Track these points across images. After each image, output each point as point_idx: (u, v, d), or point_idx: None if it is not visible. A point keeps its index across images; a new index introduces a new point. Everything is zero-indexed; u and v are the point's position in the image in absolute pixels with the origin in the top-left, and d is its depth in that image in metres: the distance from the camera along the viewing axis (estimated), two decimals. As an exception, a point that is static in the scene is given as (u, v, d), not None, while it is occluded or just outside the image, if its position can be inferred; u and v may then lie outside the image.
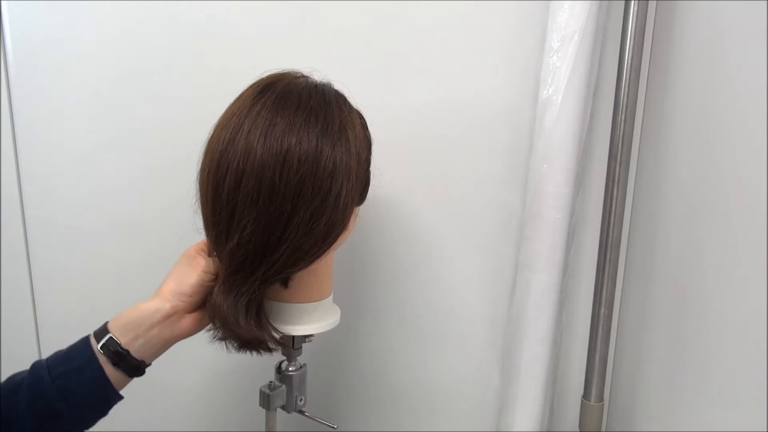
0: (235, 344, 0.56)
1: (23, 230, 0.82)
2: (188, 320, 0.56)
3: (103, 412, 0.54)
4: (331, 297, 0.65)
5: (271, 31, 0.76)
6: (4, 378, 0.53)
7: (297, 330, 0.60)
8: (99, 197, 0.81)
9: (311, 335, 0.63)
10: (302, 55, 0.75)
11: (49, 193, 0.81)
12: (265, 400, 0.65)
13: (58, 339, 0.84)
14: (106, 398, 0.53)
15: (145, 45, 0.76)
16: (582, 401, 0.76)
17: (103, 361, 0.52)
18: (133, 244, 0.82)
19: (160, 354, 0.56)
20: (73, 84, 0.78)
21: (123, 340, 0.53)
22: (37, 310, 0.85)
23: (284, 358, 0.66)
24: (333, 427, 0.68)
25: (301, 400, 0.67)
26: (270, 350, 0.57)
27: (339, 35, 0.75)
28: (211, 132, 0.54)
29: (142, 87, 0.77)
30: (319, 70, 0.58)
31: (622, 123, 0.68)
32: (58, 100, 0.78)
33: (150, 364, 0.55)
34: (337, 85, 0.58)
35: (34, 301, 0.85)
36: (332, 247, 0.55)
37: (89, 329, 0.55)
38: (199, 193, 0.55)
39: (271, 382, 0.66)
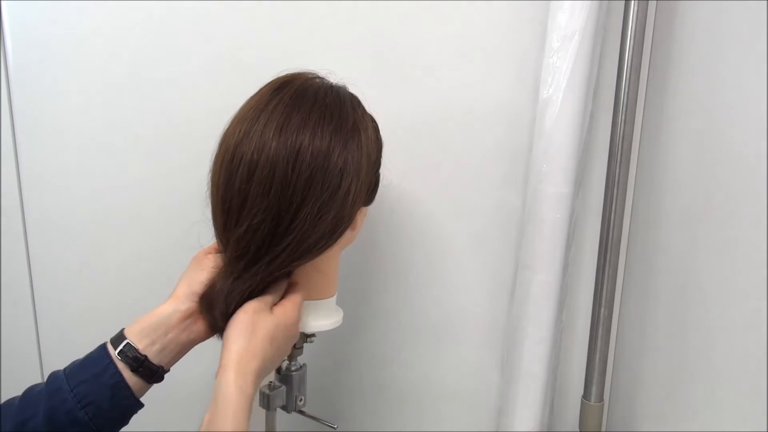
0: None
1: (23, 228, 0.82)
2: (204, 322, 0.56)
3: (124, 420, 0.53)
4: (334, 297, 0.65)
5: (275, 32, 0.75)
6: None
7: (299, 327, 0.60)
8: (100, 195, 0.81)
9: (313, 335, 0.63)
10: (303, 55, 0.75)
11: (50, 192, 0.81)
12: (265, 400, 0.65)
13: (58, 338, 0.85)
14: (127, 405, 0.52)
15: (146, 42, 0.76)
16: (582, 401, 0.76)
17: (122, 367, 0.51)
18: (134, 241, 0.82)
19: (179, 358, 0.56)
20: (74, 82, 0.77)
21: (140, 345, 0.52)
22: (37, 308, 0.85)
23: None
24: (333, 427, 0.68)
25: (301, 400, 0.67)
26: None
27: (339, 37, 0.75)
28: (227, 125, 0.55)
29: (144, 84, 0.77)
30: (335, 73, 0.59)
31: (622, 123, 0.68)
32: (59, 98, 0.78)
33: (168, 370, 0.55)
34: (352, 89, 0.59)
35: (33, 300, 0.85)
36: (337, 243, 0.56)
37: (89, 327, 0.55)
38: (210, 184, 0.55)
39: (271, 382, 0.66)
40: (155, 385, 0.55)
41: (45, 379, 0.52)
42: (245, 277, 0.53)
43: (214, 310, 0.54)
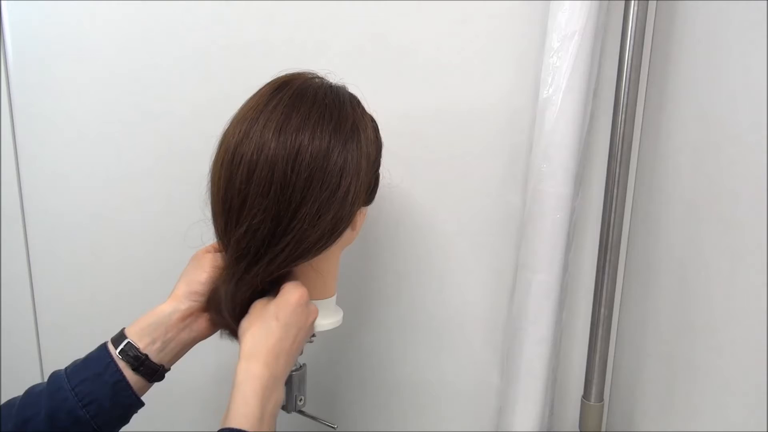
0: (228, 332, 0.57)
1: (23, 228, 0.82)
2: (204, 320, 0.56)
3: (125, 419, 0.54)
4: (334, 297, 0.65)
5: (275, 32, 0.75)
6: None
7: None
8: (100, 195, 0.81)
9: (313, 335, 0.63)
10: (303, 55, 0.75)
11: (50, 192, 0.81)
12: (265, 400, 0.65)
13: (58, 338, 0.85)
14: (128, 404, 0.53)
15: (146, 43, 0.76)
16: (582, 401, 0.76)
17: (123, 366, 0.52)
18: (134, 241, 0.82)
19: (179, 357, 0.56)
20: (74, 82, 0.77)
21: (141, 344, 0.53)
22: (37, 308, 0.85)
23: (284, 358, 0.66)
24: (333, 427, 0.68)
25: (301, 400, 0.67)
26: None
27: (340, 38, 0.75)
28: (227, 125, 0.55)
29: (144, 84, 0.77)
30: (334, 73, 0.59)
31: (622, 123, 0.68)
32: (59, 97, 0.78)
33: (169, 369, 0.56)
34: (352, 89, 0.59)
35: (33, 300, 0.85)
36: (337, 243, 0.56)
37: (89, 327, 0.55)
38: (210, 183, 0.55)
39: (271, 382, 0.66)
40: (156, 384, 0.55)
41: (45, 379, 0.53)
42: (246, 279, 0.53)
43: (224, 315, 0.54)
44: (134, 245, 0.82)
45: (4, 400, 0.52)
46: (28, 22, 0.76)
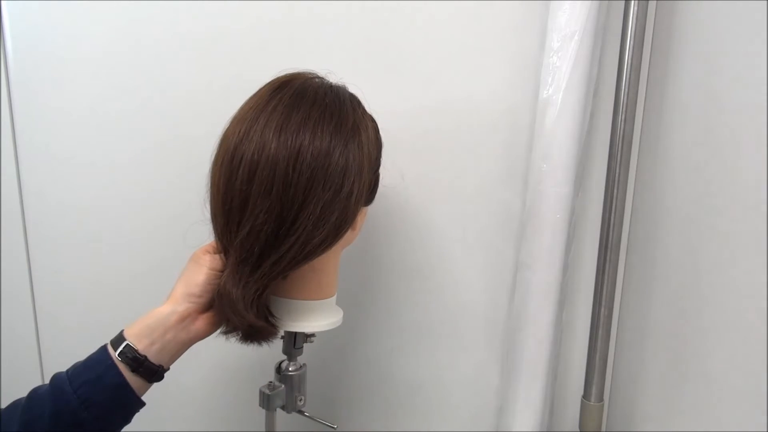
0: (241, 335, 0.56)
1: (23, 228, 0.82)
2: (202, 321, 0.56)
3: (126, 419, 0.54)
4: (334, 297, 0.65)
5: (274, 32, 0.76)
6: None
7: (298, 326, 0.60)
8: (100, 195, 0.81)
9: (313, 335, 0.63)
10: (303, 55, 0.75)
11: (50, 192, 0.81)
12: (265, 401, 0.65)
13: (58, 338, 0.85)
14: (129, 405, 0.53)
15: (146, 42, 0.76)
16: (582, 401, 0.76)
17: (122, 368, 0.52)
18: (134, 242, 0.82)
19: (177, 357, 0.56)
20: (74, 82, 0.78)
21: (140, 345, 0.53)
22: (36, 308, 0.85)
23: (284, 358, 0.66)
24: (333, 427, 0.68)
25: (300, 400, 0.67)
26: (272, 339, 0.58)
27: (339, 37, 0.75)
28: (227, 126, 0.55)
29: (144, 84, 0.77)
30: (334, 73, 0.59)
31: (622, 123, 0.68)
32: (59, 98, 0.78)
33: (168, 369, 0.56)
34: (352, 88, 0.59)
35: (33, 300, 0.85)
36: (339, 244, 0.56)
37: (89, 327, 0.55)
38: (210, 185, 0.55)
39: (270, 382, 0.66)
40: (155, 384, 0.55)
41: (45, 380, 0.53)
42: (251, 281, 0.53)
43: (245, 316, 0.53)
44: (134, 246, 0.82)
45: (3, 399, 0.52)
46: (28, 22, 0.76)
